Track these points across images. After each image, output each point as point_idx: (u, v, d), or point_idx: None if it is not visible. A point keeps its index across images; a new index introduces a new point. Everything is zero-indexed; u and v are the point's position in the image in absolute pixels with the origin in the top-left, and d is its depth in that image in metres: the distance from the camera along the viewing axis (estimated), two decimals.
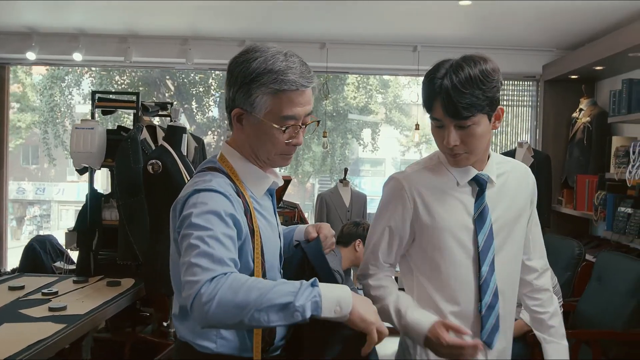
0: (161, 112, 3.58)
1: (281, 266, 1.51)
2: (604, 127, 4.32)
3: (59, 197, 16.09)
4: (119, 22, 4.72)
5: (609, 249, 3.81)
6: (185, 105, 12.63)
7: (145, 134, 3.20)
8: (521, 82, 5.33)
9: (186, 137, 3.08)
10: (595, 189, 4.11)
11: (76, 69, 11.68)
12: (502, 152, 4.88)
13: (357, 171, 16.48)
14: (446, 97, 1.42)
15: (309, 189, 15.27)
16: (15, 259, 4.50)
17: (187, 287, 1.20)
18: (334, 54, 5.00)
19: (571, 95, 4.81)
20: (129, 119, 3.66)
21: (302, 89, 1.34)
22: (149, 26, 4.84)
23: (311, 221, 5.01)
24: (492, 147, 1.72)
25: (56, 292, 2.84)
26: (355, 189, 5.11)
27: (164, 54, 5.16)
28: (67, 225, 3.58)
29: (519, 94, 5.36)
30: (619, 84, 3.85)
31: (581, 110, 4.64)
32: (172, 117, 3.13)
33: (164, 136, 3.03)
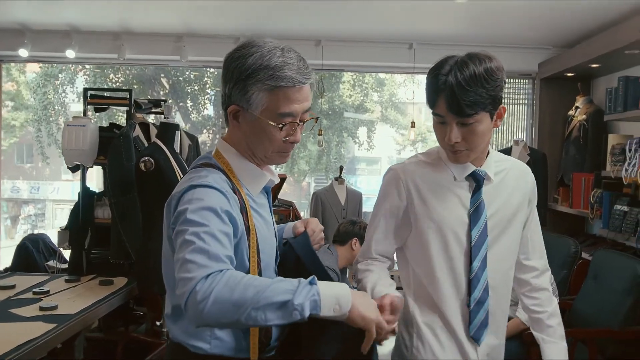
0: (154, 110, 3.55)
1: (277, 265, 1.48)
2: (600, 124, 4.31)
3: (53, 196, 16.02)
4: (113, 19, 4.68)
5: (605, 247, 3.80)
6: (180, 103, 12.58)
7: (138, 131, 3.17)
8: (517, 80, 5.32)
9: (179, 134, 3.05)
10: (591, 187, 4.10)
11: (70, 67, 11.61)
12: (498, 150, 4.87)
13: (353, 170, 16.47)
14: (450, 94, 1.42)
15: (304, 188, 15.24)
16: (9, 258, 4.45)
17: (181, 285, 1.16)
18: (330, 52, 4.97)
19: (567, 93, 4.80)
20: (123, 117, 3.63)
21: (299, 85, 1.31)
22: (143, 23, 4.81)
23: None
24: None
25: (47, 292, 2.81)
26: (350, 187, 5.08)
27: (158, 51, 5.12)
28: (62, 224, 3.54)
29: (515, 91, 5.35)
30: (615, 82, 3.84)
31: (577, 108, 4.63)
32: (165, 114, 3.10)
33: (157, 133, 2.99)
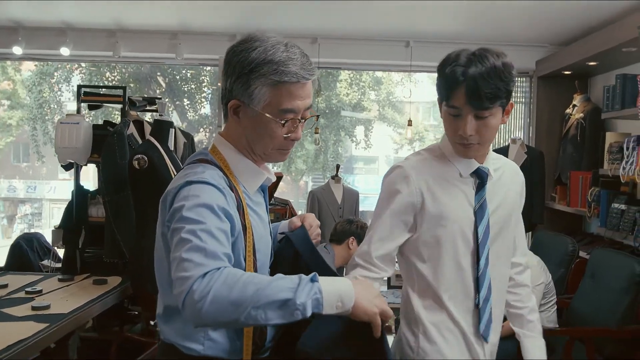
0: (149, 107, 3.52)
1: (271, 264, 1.45)
2: (598, 123, 4.29)
3: (50, 195, 15.99)
4: (107, 16, 4.64)
5: (603, 246, 3.79)
6: (177, 102, 12.54)
7: (132, 129, 3.14)
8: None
9: (173, 131, 3.03)
10: (588, 185, 4.08)
11: (65, 65, 11.56)
12: (495, 148, 4.85)
13: (350, 169, 16.46)
14: (473, 85, 1.41)
15: (302, 187, 15.23)
16: (4, 257, 4.42)
17: (178, 284, 1.13)
18: (326, 49, 4.94)
19: (564, 91, 4.78)
20: (118, 115, 3.60)
21: (303, 81, 1.29)
22: (138, 20, 4.77)
23: None
24: None
25: (40, 291, 2.78)
26: (347, 186, 5.06)
27: (153, 49, 5.09)
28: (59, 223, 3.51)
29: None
30: (613, 80, 3.82)
31: (575, 106, 4.61)
32: (159, 111, 3.07)
33: (151, 131, 2.97)
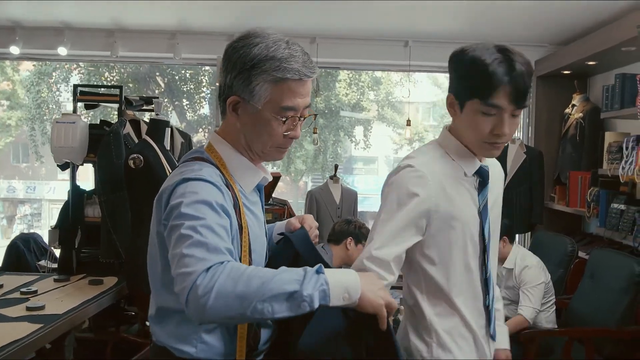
0: (146, 107, 3.50)
1: (265, 266, 1.42)
2: (597, 122, 4.28)
3: (50, 196, 15.95)
4: (105, 16, 4.63)
5: (602, 246, 3.78)
6: (176, 102, 12.52)
7: (128, 129, 3.12)
8: None
9: (169, 130, 3.01)
10: (588, 185, 4.06)
11: (64, 65, 11.54)
12: None
13: (350, 169, 16.44)
14: (520, 84, 1.38)
15: (301, 187, 15.20)
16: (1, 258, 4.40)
17: (180, 280, 1.10)
18: (324, 49, 4.91)
19: (564, 90, 4.76)
20: (116, 114, 3.56)
21: (304, 78, 1.29)
22: (136, 20, 4.76)
23: None
24: None
25: (35, 291, 2.75)
26: (345, 186, 5.04)
27: (152, 49, 5.07)
28: None
29: None
30: (612, 79, 3.81)
31: (574, 106, 4.59)
32: (155, 111, 3.06)
33: (147, 130, 2.95)
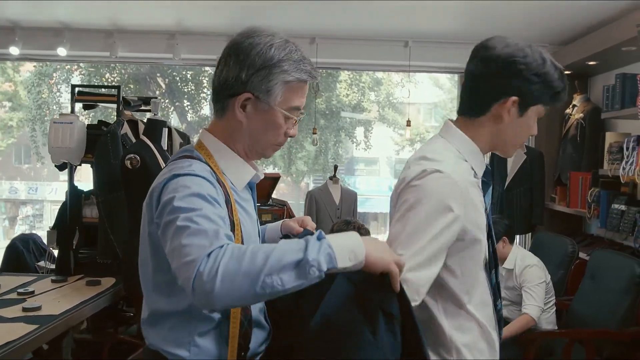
0: (144, 107, 3.49)
1: None
2: (597, 123, 4.26)
3: (51, 197, 15.97)
4: (105, 16, 4.62)
5: (603, 247, 3.76)
6: (176, 103, 12.53)
7: (126, 129, 3.11)
8: None
9: (166, 130, 3.00)
10: (588, 185, 4.04)
11: (65, 66, 11.56)
12: None
13: (351, 170, 16.44)
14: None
15: (303, 188, 15.20)
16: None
17: (183, 271, 1.07)
18: (324, 49, 4.90)
19: None
20: (115, 115, 3.53)
21: (312, 81, 1.35)
22: (135, 20, 4.74)
23: None
24: None
25: (32, 292, 2.74)
26: (345, 187, 5.03)
27: (151, 49, 5.05)
28: None
29: None
30: (612, 79, 3.79)
31: (574, 106, 4.57)
32: (153, 111, 3.05)
33: (144, 130, 2.94)
